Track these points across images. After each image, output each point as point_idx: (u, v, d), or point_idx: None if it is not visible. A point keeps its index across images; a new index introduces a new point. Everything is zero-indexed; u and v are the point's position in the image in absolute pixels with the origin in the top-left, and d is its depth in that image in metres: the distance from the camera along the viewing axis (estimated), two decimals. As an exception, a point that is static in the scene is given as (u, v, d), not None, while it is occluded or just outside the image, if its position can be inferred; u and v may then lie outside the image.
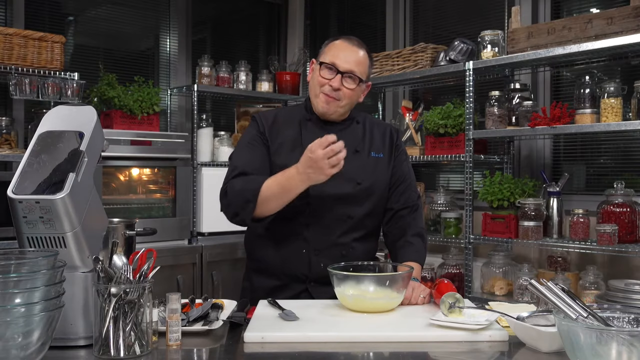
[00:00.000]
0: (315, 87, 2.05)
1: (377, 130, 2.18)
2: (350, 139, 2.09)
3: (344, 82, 2.01)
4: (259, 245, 2.12)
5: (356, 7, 4.63)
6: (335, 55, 2.02)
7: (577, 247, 2.86)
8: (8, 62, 3.20)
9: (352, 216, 2.04)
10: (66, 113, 1.61)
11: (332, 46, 2.05)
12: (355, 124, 2.15)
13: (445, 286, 1.75)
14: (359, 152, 2.10)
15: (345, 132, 2.10)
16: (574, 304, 1.34)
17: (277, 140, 2.08)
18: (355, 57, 2.02)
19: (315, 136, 2.05)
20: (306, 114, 2.13)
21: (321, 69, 2.03)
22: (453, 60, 3.30)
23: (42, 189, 1.41)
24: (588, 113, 2.81)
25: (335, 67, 2.00)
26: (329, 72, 2.01)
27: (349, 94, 2.03)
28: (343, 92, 2.02)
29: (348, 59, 2.01)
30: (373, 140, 2.15)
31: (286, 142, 2.07)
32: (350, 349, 1.46)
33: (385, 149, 2.16)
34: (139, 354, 1.38)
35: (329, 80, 2.01)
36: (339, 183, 2.02)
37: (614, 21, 2.68)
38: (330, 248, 2.03)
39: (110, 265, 1.43)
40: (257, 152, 2.06)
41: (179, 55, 4.41)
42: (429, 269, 3.38)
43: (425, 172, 4.08)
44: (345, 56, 2.01)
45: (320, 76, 2.02)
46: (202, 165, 3.89)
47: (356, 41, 2.07)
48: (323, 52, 2.07)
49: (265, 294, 1.98)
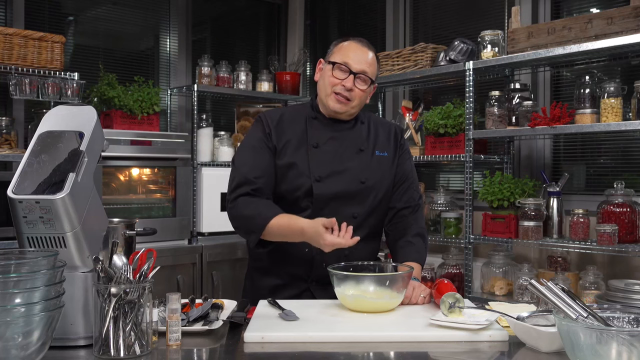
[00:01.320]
0: (326, 86, 2.05)
1: (381, 129, 2.19)
2: (354, 138, 2.11)
3: (356, 83, 2.02)
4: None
5: (356, 7, 4.63)
6: (347, 55, 2.03)
7: (577, 247, 2.86)
8: (8, 62, 3.20)
9: (356, 216, 2.05)
10: (66, 113, 1.60)
11: (342, 47, 2.06)
12: (359, 124, 2.15)
13: (445, 286, 1.75)
14: (363, 151, 2.10)
15: (350, 131, 2.11)
16: (574, 304, 1.34)
17: (283, 138, 2.07)
18: (366, 58, 2.04)
19: (321, 134, 2.07)
20: (312, 113, 2.13)
21: (333, 69, 2.03)
22: (453, 60, 3.30)
23: (42, 189, 1.41)
24: (588, 113, 2.81)
25: (347, 68, 2.02)
26: (342, 73, 2.02)
27: (360, 94, 2.04)
28: (355, 93, 2.03)
29: (360, 60, 2.03)
30: (378, 139, 2.15)
31: (292, 140, 2.07)
32: (350, 349, 1.46)
33: (389, 147, 2.16)
34: (139, 354, 1.38)
35: (341, 81, 2.02)
36: (343, 182, 2.02)
37: (614, 21, 2.68)
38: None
39: (110, 265, 1.43)
40: (262, 157, 2.05)
41: (179, 55, 4.42)
42: (429, 269, 3.38)
43: (425, 172, 4.08)
44: (357, 57, 2.03)
45: (333, 76, 2.03)
46: (202, 165, 3.89)
47: (366, 42, 2.09)
48: (332, 52, 2.08)
49: (266, 293, 1.98)
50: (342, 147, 2.09)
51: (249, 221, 1.97)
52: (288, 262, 2.06)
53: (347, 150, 2.08)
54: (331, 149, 2.07)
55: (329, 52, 2.10)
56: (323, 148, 2.07)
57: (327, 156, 2.06)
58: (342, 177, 2.01)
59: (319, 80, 2.11)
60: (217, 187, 3.76)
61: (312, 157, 2.04)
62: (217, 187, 3.76)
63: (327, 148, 2.07)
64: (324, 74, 2.08)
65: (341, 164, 2.05)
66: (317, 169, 2.03)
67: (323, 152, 2.06)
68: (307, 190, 2.02)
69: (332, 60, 2.05)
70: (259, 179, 2.01)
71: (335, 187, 2.02)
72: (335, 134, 2.09)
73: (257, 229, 1.95)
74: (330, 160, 2.05)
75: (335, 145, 2.08)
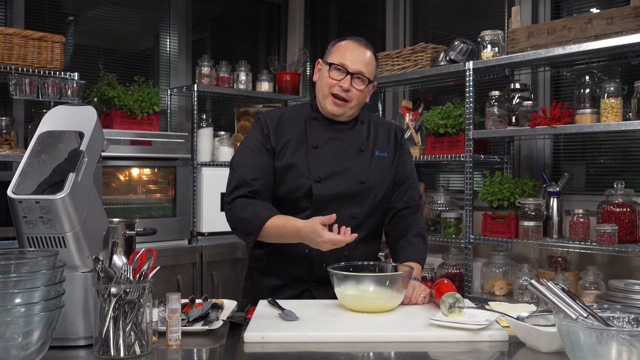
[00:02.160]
0: (324, 88, 2.05)
1: (382, 129, 2.18)
2: (354, 138, 2.11)
3: (353, 83, 2.02)
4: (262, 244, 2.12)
5: (356, 7, 4.63)
6: (344, 56, 2.02)
7: (577, 247, 2.86)
8: (8, 62, 3.20)
9: (355, 216, 2.04)
10: (66, 113, 1.60)
11: (339, 47, 2.05)
12: (359, 124, 2.15)
13: (445, 286, 1.75)
14: (363, 151, 2.10)
15: (350, 131, 2.11)
16: (574, 304, 1.34)
17: (283, 139, 2.07)
18: (363, 58, 2.03)
19: (320, 135, 2.07)
20: (312, 113, 2.12)
21: (330, 70, 2.03)
22: (453, 60, 3.30)
23: (42, 189, 1.41)
24: (588, 113, 2.81)
25: (344, 68, 2.01)
26: (339, 73, 2.02)
27: (358, 94, 2.04)
28: (352, 93, 2.02)
29: (357, 60, 2.02)
30: (378, 139, 2.15)
31: (292, 141, 2.07)
32: (350, 349, 1.46)
33: (389, 148, 2.16)
34: (139, 354, 1.38)
35: (338, 82, 2.01)
36: (343, 182, 2.02)
37: (614, 21, 2.68)
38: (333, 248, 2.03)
39: (110, 265, 1.43)
40: (260, 159, 2.04)
41: (179, 55, 4.41)
42: (429, 269, 3.38)
43: (425, 172, 4.08)
44: (354, 57, 2.02)
45: (330, 77, 2.03)
46: (202, 165, 3.89)
47: (363, 42, 2.07)
48: (330, 52, 2.07)
49: (267, 294, 1.98)
50: (342, 147, 2.08)
51: (246, 223, 1.97)
52: (288, 262, 2.05)
53: (347, 151, 2.08)
54: (331, 150, 2.07)
55: (326, 52, 2.10)
56: (323, 148, 2.06)
57: (327, 157, 2.05)
58: (341, 177, 2.01)
59: (317, 81, 2.10)
60: (217, 187, 3.76)
61: (312, 157, 2.04)
62: (217, 187, 3.76)
63: (327, 148, 2.07)
64: (321, 75, 2.08)
65: (341, 165, 2.05)
66: (316, 170, 2.02)
67: (323, 153, 2.06)
68: (306, 191, 2.01)
69: (329, 61, 2.04)
70: (256, 181, 2.01)
71: (334, 187, 2.01)
72: (335, 134, 2.09)
73: (254, 230, 1.94)
74: (330, 161, 2.05)
75: (335, 145, 2.08)
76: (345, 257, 2.01)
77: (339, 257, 1.98)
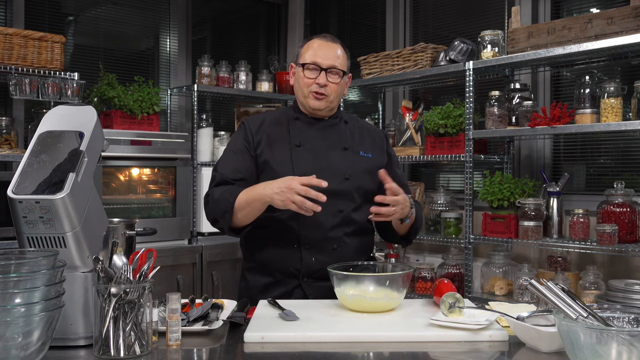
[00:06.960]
0: (302, 88, 2.11)
1: (367, 134, 2.24)
2: (337, 136, 2.16)
3: (328, 78, 2.08)
4: (253, 242, 2.13)
5: (356, 7, 4.63)
6: (315, 54, 2.09)
7: (577, 247, 2.85)
8: (8, 62, 3.20)
9: (342, 210, 2.06)
10: (66, 113, 1.61)
11: (309, 47, 2.12)
12: (343, 123, 2.20)
13: (445, 286, 1.75)
14: (347, 149, 2.14)
15: (333, 129, 2.16)
16: (574, 304, 1.34)
17: (265, 139, 2.11)
18: (334, 53, 2.10)
19: (304, 133, 2.12)
20: (294, 114, 2.18)
21: (304, 70, 2.09)
22: (453, 60, 3.30)
23: (42, 189, 1.41)
24: (588, 113, 2.81)
25: (317, 66, 2.07)
26: (313, 72, 2.08)
27: (335, 87, 2.10)
28: (330, 87, 2.09)
29: (328, 55, 2.08)
30: (363, 142, 2.19)
31: (275, 142, 2.11)
32: (350, 349, 1.47)
33: (375, 151, 2.20)
34: (139, 354, 1.38)
35: (314, 79, 2.08)
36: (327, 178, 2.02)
37: (614, 21, 2.68)
38: (321, 242, 2.04)
39: (110, 265, 1.43)
40: (243, 160, 2.09)
41: (179, 55, 4.42)
42: (429, 269, 3.38)
43: (425, 172, 4.08)
44: (324, 53, 2.08)
45: (306, 77, 2.09)
46: (202, 165, 3.89)
47: (330, 37, 2.14)
48: (300, 54, 2.14)
49: (259, 292, 2.02)
50: (326, 144, 2.12)
51: (219, 203, 1.99)
52: (277, 259, 2.07)
53: (330, 148, 2.12)
54: (314, 147, 2.11)
55: (297, 54, 2.16)
56: (306, 146, 2.11)
57: (311, 154, 2.09)
58: (325, 173, 2.01)
59: (295, 83, 2.17)
60: (217, 187, 3.76)
61: (296, 155, 2.08)
62: (217, 187, 3.76)
63: (310, 146, 2.11)
64: (297, 77, 2.14)
65: (325, 160, 2.09)
66: (300, 166, 2.05)
67: (306, 150, 2.10)
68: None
69: (301, 62, 2.11)
70: (238, 181, 2.05)
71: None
72: (318, 132, 2.14)
73: (227, 207, 1.97)
74: (313, 158, 2.09)
75: (319, 143, 2.12)
76: (334, 251, 2.02)
77: (327, 252, 2.01)
